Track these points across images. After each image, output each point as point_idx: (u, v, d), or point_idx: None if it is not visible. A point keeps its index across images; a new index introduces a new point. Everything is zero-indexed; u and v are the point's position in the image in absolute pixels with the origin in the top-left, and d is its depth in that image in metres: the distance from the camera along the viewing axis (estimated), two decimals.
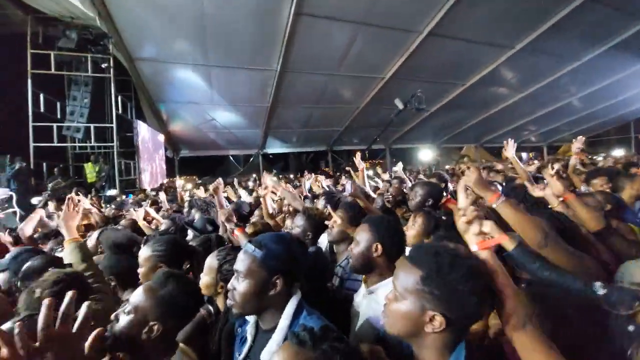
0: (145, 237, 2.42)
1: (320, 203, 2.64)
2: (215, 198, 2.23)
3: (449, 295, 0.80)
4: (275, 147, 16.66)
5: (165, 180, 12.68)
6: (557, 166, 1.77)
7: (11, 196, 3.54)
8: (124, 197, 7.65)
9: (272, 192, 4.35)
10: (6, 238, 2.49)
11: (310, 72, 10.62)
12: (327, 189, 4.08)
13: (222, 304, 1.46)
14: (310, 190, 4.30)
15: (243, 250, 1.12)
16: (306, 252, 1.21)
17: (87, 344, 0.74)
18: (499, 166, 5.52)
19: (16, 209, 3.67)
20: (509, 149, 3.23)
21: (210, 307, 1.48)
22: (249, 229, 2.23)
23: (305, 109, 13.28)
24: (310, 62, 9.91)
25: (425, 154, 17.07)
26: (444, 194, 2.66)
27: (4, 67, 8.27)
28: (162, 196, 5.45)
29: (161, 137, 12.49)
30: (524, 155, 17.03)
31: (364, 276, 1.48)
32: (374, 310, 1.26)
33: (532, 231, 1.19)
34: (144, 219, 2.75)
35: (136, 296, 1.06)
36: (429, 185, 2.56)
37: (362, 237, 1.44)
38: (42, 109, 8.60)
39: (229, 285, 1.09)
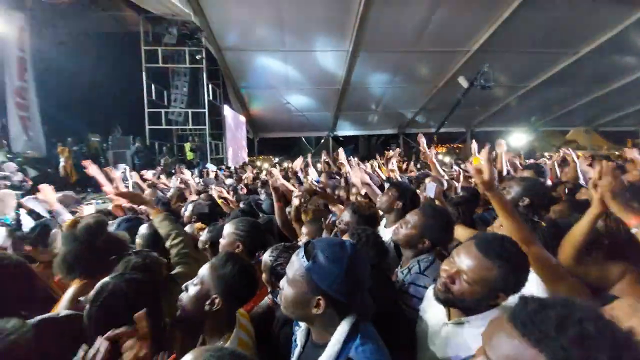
0: (228, 213, 2.78)
1: (391, 194, 2.11)
2: (270, 180, 2.24)
3: None
4: (345, 130, 16.69)
5: (247, 159, 14.04)
6: None
7: (126, 169, 4.42)
8: (218, 171, 8.66)
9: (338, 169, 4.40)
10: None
11: (383, 51, 10.13)
12: (393, 178, 3.68)
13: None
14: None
15: (296, 252, 1.00)
16: (367, 274, 0.97)
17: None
18: (630, 153, 3.45)
19: (130, 181, 4.48)
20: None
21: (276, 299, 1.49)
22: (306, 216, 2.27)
23: (377, 90, 12.84)
24: (383, 39, 9.42)
25: (518, 139, 14.67)
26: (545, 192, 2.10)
27: (125, 62, 10.13)
28: (248, 172, 6.09)
29: (243, 120, 13.75)
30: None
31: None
32: (458, 345, 1.07)
33: None
34: (220, 196, 3.12)
35: (202, 270, 1.16)
36: (527, 181, 2.04)
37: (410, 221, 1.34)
38: (153, 97, 10.35)
39: (280, 283, 1.02)
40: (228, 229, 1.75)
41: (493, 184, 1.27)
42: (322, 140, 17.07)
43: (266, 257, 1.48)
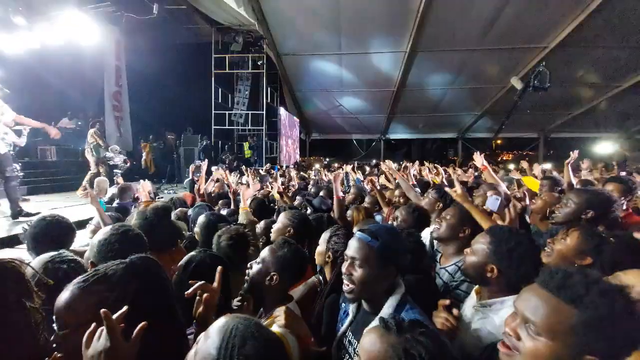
0: (277, 207, 2.96)
1: (431, 194, 2.30)
2: (334, 184, 2.43)
3: (612, 341, 0.69)
4: (398, 133, 16.23)
5: (299, 159, 14.54)
6: None
7: (200, 165, 4.90)
8: (272, 170, 9.22)
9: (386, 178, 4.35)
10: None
11: (444, 50, 9.61)
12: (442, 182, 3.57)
13: (329, 273, 1.65)
14: (419, 180, 3.93)
15: (357, 238, 1.14)
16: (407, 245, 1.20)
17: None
18: None
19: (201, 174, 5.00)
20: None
21: (320, 277, 1.71)
22: (357, 214, 2.36)
23: (435, 92, 12.23)
24: (445, 37, 8.94)
25: (605, 147, 12.64)
26: (616, 205, 1.86)
27: (197, 69, 11.33)
28: (293, 172, 6.37)
29: (296, 121, 14.27)
30: None
31: (476, 287, 1.34)
32: (485, 325, 1.17)
33: None
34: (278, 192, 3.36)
35: (264, 252, 1.38)
36: (589, 193, 1.92)
37: (478, 250, 1.26)
38: (219, 100, 11.37)
39: (344, 270, 1.13)
40: (282, 217, 2.00)
41: (463, 196, 1.84)
42: (374, 143, 16.85)
43: (325, 233, 1.68)
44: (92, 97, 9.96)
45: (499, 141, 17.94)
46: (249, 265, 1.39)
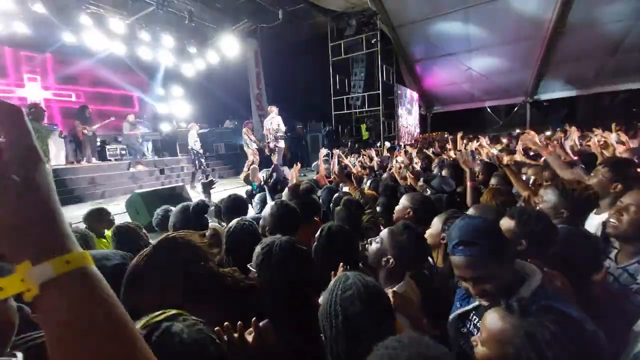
0: (403, 187, 3.01)
1: (603, 174, 1.69)
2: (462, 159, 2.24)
3: None
4: (553, 91, 12.72)
5: (419, 135, 13.70)
6: None
7: (329, 153, 5.46)
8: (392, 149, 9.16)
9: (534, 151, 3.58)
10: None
11: None
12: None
13: (438, 256, 1.63)
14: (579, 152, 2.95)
15: (458, 259, 1.08)
16: None
17: None
18: None
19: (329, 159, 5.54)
20: None
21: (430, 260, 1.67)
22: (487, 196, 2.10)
23: (613, 28, 8.84)
24: None
25: None
26: None
27: (317, 61, 12.16)
28: (413, 152, 6.09)
29: (415, 96, 13.35)
30: None
31: None
32: None
33: None
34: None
35: (384, 232, 1.38)
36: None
37: None
38: (337, 87, 11.93)
39: (473, 293, 1.11)
40: (403, 199, 2.05)
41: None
42: (516, 109, 13.86)
43: (441, 216, 1.65)
44: (243, 101, 12.37)
45: None
46: (368, 240, 1.46)
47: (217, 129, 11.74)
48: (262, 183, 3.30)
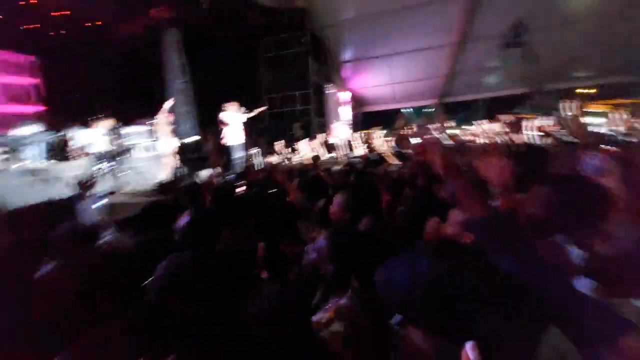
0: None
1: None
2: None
3: None
4: (458, 95, 14.69)
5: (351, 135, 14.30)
6: None
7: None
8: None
9: None
10: None
11: None
12: None
13: None
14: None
15: None
16: None
17: None
18: None
19: None
20: None
21: None
22: None
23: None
24: None
25: None
26: None
27: (248, 55, 11.75)
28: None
29: (346, 95, 13.95)
30: None
31: None
32: None
33: None
34: None
35: None
36: None
37: None
38: (268, 84, 11.75)
39: None
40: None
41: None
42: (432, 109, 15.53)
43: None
44: None
45: None
46: None
47: None
48: None
